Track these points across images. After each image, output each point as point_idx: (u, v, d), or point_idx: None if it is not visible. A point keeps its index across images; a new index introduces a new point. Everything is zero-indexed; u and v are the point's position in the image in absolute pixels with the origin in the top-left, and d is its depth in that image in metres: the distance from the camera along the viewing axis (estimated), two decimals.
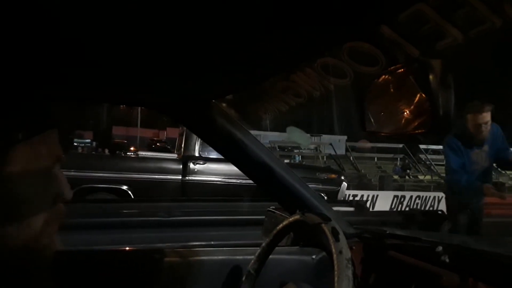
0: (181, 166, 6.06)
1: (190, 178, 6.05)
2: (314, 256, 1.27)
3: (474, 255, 1.00)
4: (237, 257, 1.21)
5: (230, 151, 1.21)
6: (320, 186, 6.36)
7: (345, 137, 20.76)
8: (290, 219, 0.96)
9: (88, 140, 7.86)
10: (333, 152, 17.47)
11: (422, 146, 17.12)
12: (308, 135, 16.08)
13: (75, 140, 7.01)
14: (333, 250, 0.79)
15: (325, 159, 17.51)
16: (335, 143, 17.55)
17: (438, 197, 11.10)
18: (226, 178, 6.10)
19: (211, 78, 0.89)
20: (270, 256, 1.03)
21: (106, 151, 7.14)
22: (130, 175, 5.60)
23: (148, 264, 1.17)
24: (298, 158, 16.98)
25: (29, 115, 0.63)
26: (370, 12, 0.53)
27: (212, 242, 1.47)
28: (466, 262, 0.97)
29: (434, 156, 17.43)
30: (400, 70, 0.67)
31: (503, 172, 17.03)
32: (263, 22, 0.57)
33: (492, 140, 3.41)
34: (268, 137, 17.35)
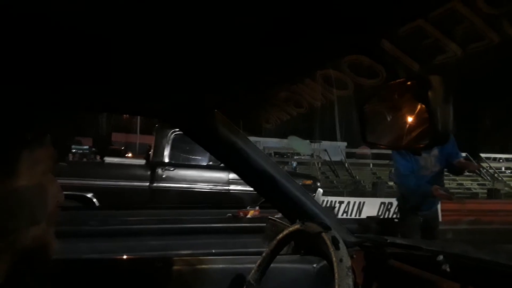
0: (149, 173, 5.90)
1: (158, 184, 5.89)
2: (315, 265, 1.27)
3: (475, 264, 1.00)
4: (238, 265, 1.21)
5: (232, 160, 1.21)
6: None
7: (345, 144, 20.76)
8: (290, 228, 0.96)
9: (87, 147, 7.79)
10: (332, 159, 17.46)
11: None
12: (308, 141, 16.09)
13: (73, 146, 6.93)
14: (334, 258, 0.80)
15: (319, 166, 17.49)
16: (335, 150, 17.54)
17: None
18: (196, 184, 5.97)
19: (213, 87, 0.89)
20: (272, 264, 1.02)
21: (98, 157, 7.06)
22: (94, 182, 5.43)
23: (147, 272, 1.17)
24: (294, 165, 16.97)
25: (24, 121, 0.64)
26: (371, 23, 0.54)
27: (213, 251, 1.47)
28: (467, 271, 0.97)
29: None
30: (400, 84, 0.68)
31: (499, 178, 17.12)
32: (265, 34, 0.58)
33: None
34: (267, 143, 17.35)
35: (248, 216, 3.14)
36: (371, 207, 8.89)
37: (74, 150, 6.65)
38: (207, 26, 0.56)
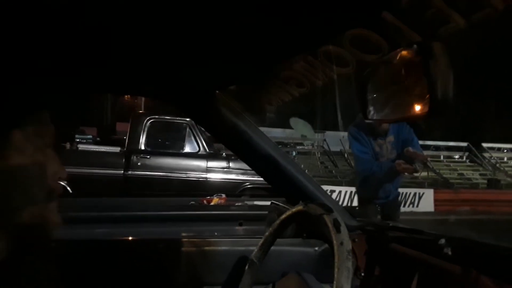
0: (123, 160, 5.83)
1: (132, 172, 5.83)
2: (316, 248, 1.28)
3: (477, 247, 1.00)
4: (240, 248, 1.22)
5: (234, 142, 1.21)
6: None
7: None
8: (293, 209, 0.96)
9: (90, 136, 7.77)
10: (336, 149, 17.45)
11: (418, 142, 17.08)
12: (310, 125, 15.99)
13: (77, 136, 6.91)
14: (334, 241, 0.79)
15: (319, 155, 17.50)
16: (338, 140, 17.50)
17: (419, 193, 11.11)
18: (173, 173, 5.91)
19: (215, 67, 0.89)
20: (273, 248, 1.03)
21: (68, 145, 7.01)
22: (67, 169, 5.33)
23: (150, 254, 1.17)
24: (293, 154, 16.98)
25: (23, 99, 0.63)
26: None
27: (216, 233, 1.47)
28: (469, 255, 0.97)
29: (429, 152, 17.43)
30: (400, 54, 0.67)
31: (501, 168, 17.08)
32: (265, 8, 0.57)
33: (398, 131, 3.26)
34: (271, 133, 17.33)
35: (212, 203, 3.10)
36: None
37: (77, 140, 6.64)
38: (206, 2, 0.55)
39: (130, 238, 1.24)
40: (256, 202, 3.33)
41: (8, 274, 0.59)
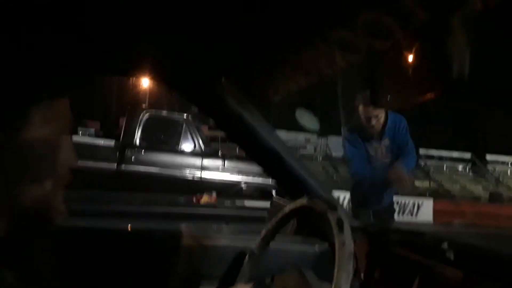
0: (117, 154, 5.74)
1: (126, 167, 5.74)
2: (317, 246, 1.26)
3: (479, 252, 0.99)
4: (239, 243, 1.20)
5: (237, 132, 1.19)
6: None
7: None
8: (297, 203, 0.95)
9: (93, 129, 7.77)
10: (336, 154, 17.44)
11: (421, 151, 17.02)
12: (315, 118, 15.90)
13: (79, 128, 6.90)
14: (336, 241, 0.77)
15: (320, 160, 17.50)
16: (342, 145, 17.52)
17: (418, 203, 10.95)
18: (167, 169, 5.82)
19: (221, 50, 0.87)
20: (273, 245, 1.01)
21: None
22: None
23: (149, 245, 1.17)
24: None
25: (41, 82, 0.63)
26: None
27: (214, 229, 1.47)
28: (471, 259, 0.96)
29: (433, 162, 17.37)
30: (413, 32, 0.66)
31: (502, 182, 16.98)
32: None
33: (394, 134, 3.13)
34: None
35: (202, 201, 3.09)
36: None
37: (80, 132, 6.62)
38: None
39: (129, 228, 1.23)
40: (246, 203, 3.33)
41: (8, 253, 0.59)
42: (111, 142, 6.05)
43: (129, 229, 1.23)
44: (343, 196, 9.33)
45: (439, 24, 0.60)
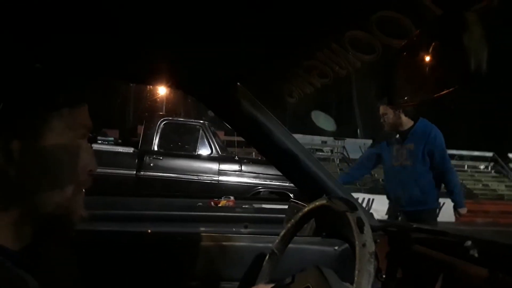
0: (136, 161, 5.84)
1: (145, 173, 5.83)
2: (336, 247, 1.25)
3: (504, 250, 0.97)
4: (259, 244, 1.20)
5: (254, 135, 1.19)
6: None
7: (370, 141, 20.40)
8: (317, 202, 0.94)
9: (112, 138, 7.90)
10: (353, 156, 17.29)
11: None
12: (332, 119, 15.79)
13: (99, 137, 7.03)
14: (357, 242, 0.76)
15: (338, 162, 17.34)
16: (358, 147, 17.29)
17: (440, 203, 10.66)
18: (185, 174, 5.89)
19: (236, 57, 0.88)
20: (292, 246, 1.01)
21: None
22: None
23: (170, 247, 1.18)
24: None
25: (61, 88, 0.64)
26: None
27: (234, 229, 1.47)
28: (496, 257, 0.93)
29: (453, 162, 17.00)
30: (429, 28, 0.65)
31: None
32: None
33: (418, 139, 3.19)
34: None
35: (220, 205, 3.09)
36: (380, 204, 8.72)
37: (99, 141, 6.74)
38: None
39: (149, 230, 1.24)
40: (264, 205, 3.32)
41: (30, 259, 0.60)
42: (130, 149, 6.16)
43: (148, 232, 1.24)
44: (362, 198, 9.23)
45: (454, 21, 0.60)
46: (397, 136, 3.28)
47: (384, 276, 1.20)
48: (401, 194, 3.32)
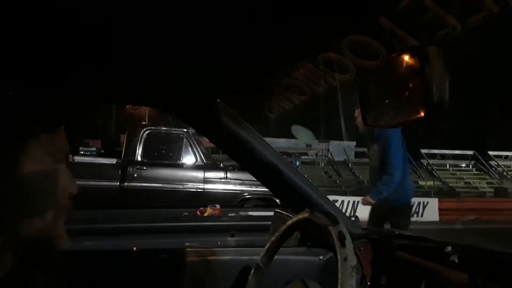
0: (119, 172, 5.80)
1: (129, 184, 5.79)
2: (321, 257, 1.27)
3: (484, 255, 0.99)
4: (244, 257, 1.21)
5: (237, 151, 1.20)
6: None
7: (354, 143, 20.48)
8: (299, 216, 0.95)
9: (94, 148, 7.81)
10: (337, 158, 17.36)
11: (423, 151, 16.98)
12: (311, 132, 15.94)
13: (81, 148, 6.94)
14: (338, 256, 0.77)
15: (323, 165, 17.42)
16: (342, 150, 17.41)
17: (424, 202, 10.86)
18: (170, 184, 5.87)
19: (215, 74, 0.89)
20: (277, 257, 1.02)
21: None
22: None
23: (155, 264, 1.17)
24: (297, 163, 16.91)
25: (37, 114, 0.64)
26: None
27: (219, 243, 1.47)
28: (476, 262, 0.96)
29: (435, 161, 17.30)
30: (396, 59, 0.68)
31: (508, 176, 16.90)
32: (262, 14, 0.57)
33: (378, 138, 3.31)
34: (276, 143, 17.29)
35: (206, 214, 3.09)
36: (366, 206, 8.78)
37: (81, 152, 6.65)
38: (206, 15, 0.55)
39: (134, 248, 1.24)
40: (250, 213, 3.33)
41: (10, 287, 0.59)
42: (113, 160, 6.09)
43: (133, 250, 1.23)
44: (347, 201, 9.25)
45: (417, 53, 0.62)
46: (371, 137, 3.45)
47: (369, 283, 1.22)
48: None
